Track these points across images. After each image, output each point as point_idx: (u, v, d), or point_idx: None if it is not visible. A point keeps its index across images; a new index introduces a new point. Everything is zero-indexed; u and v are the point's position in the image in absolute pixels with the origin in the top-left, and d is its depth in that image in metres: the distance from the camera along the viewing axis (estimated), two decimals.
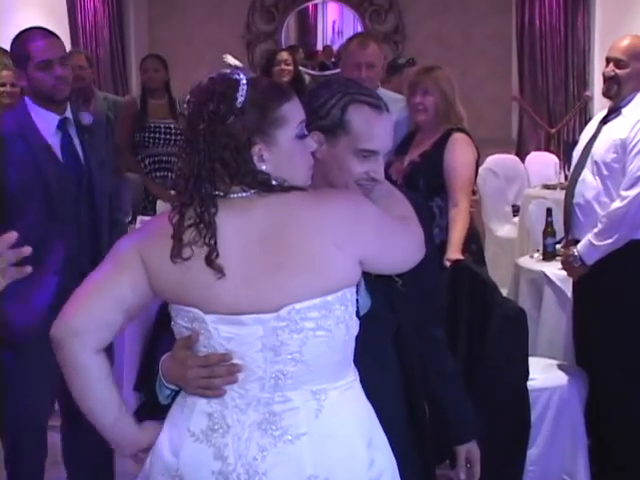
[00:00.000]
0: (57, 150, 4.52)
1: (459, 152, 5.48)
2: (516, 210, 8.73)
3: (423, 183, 5.34)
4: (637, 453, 5.20)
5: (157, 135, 7.75)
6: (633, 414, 5.17)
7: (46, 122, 4.51)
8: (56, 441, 4.92)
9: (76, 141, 4.59)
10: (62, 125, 4.55)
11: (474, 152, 5.57)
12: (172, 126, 7.74)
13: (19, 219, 4.34)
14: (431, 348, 3.05)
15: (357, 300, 2.61)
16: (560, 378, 5.40)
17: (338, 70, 10.58)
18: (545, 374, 5.39)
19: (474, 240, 5.64)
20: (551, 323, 5.71)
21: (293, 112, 2.51)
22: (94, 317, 2.53)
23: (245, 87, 2.45)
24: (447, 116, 5.52)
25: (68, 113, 4.59)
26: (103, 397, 2.60)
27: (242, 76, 2.48)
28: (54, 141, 4.52)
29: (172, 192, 7.41)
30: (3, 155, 4.38)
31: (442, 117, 5.53)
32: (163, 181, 7.66)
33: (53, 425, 4.84)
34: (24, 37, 4.56)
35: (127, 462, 5.44)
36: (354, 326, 2.55)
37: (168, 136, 7.75)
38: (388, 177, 3.09)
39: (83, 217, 4.56)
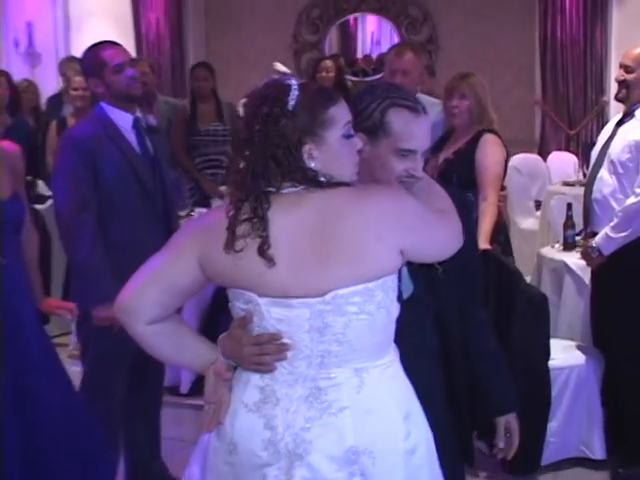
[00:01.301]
0: (135, 147, 4.60)
1: (490, 151, 5.47)
2: (538, 205, 8.69)
3: (456, 179, 5.32)
4: None
5: (206, 137, 7.83)
6: None
7: (123, 122, 4.59)
8: None
9: (146, 139, 4.65)
10: (136, 123, 4.62)
11: (503, 152, 5.56)
12: (219, 128, 7.88)
13: (115, 217, 4.47)
14: (474, 329, 3.02)
15: (399, 285, 2.59)
16: (578, 358, 5.41)
17: (377, 76, 10.59)
18: (565, 354, 5.39)
19: (502, 232, 5.64)
20: (570, 308, 5.67)
21: (340, 114, 2.50)
22: (145, 299, 2.56)
23: (296, 91, 2.44)
24: (480, 118, 5.52)
25: (138, 114, 4.66)
26: (174, 353, 2.67)
27: (293, 81, 2.48)
28: (131, 138, 4.60)
29: (222, 188, 7.52)
30: (102, 155, 4.46)
31: (475, 119, 5.52)
32: (214, 178, 7.77)
33: None
34: (97, 49, 4.63)
35: (187, 430, 5.48)
36: (394, 310, 2.54)
37: (215, 137, 7.87)
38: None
39: (159, 209, 4.64)
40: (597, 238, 5.13)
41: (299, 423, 2.45)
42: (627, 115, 5.21)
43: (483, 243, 5.12)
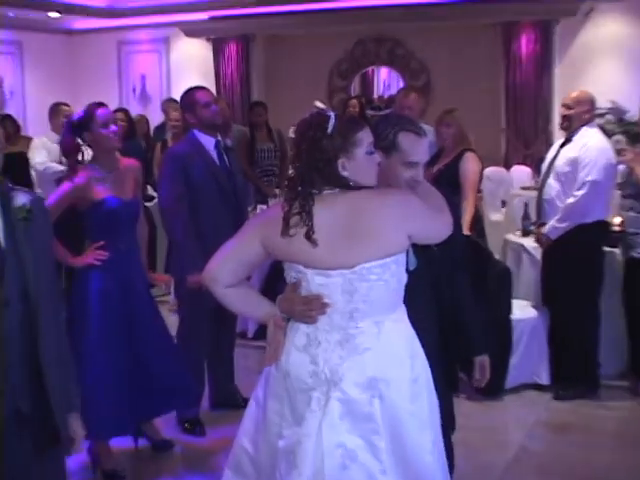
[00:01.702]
0: (216, 161, 4.60)
1: (469, 165, 5.43)
2: (504, 203, 8.61)
3: (445, 185, 5.26)
4: (579, 362, 5.16)
5: (262, 154, 7.82)
6: (576, 336, 5.13)
7: (208, 143, 4.60)
8: None
9: (224, 156, 4.65)
10: (217, 145, 4.63)
11: (479, 165, 5.53)
12: (271, 147, 7.88)
13: (202, 211, 4.49)
14: (459, 289, 2.99)
15: (407, 260, 2.57)
16: (532, 313, 5.39)
17: (388, 111, 10.51)
18: (522, 310, 5.38)
19: (479, 223, 5.62)
20: (526, 277, 5.63)
21: (365, 136, 2.48)
22: (225, 269, 2.55)
23: (333, 120, 2.44)
24: (461, 141, 5.48)
25: (219, 138, 4.66)
26: (244, 308, 2.67)
27: (331, 113, 2.48)
28: (214, 155, 4.61)
29: (276, 190, 7.56)
30: (192, 166, 4.49)
31: (458, 141, 5.48)
32: (269, 183, 7.78)
33: None
34: (191, 92, 4.67)
35: (252, 363, 5.48)
36: (404, 278, 2.53)
37: (269, 154, 7.85)
38: None
39: (233, 205, 4.63)
40: (546, 227, 5.13)
41: (334, 360, 2.45)
42: (567, 140, 5.17)
43: (466, 229, 5.09)
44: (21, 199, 2.18)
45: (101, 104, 4.05)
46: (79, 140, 3.97)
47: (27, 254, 2.15)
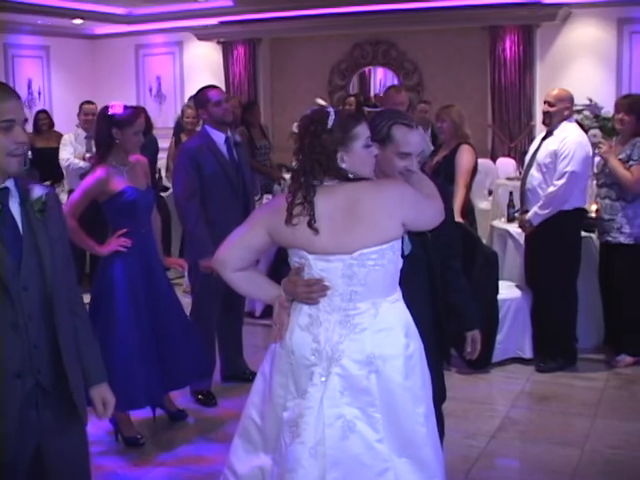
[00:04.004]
0: (226, 155, 4.55)
1: (464, 156, 5.39)
2: (490, 192, 8.56)
3: (443, 175, 5.26)
4: (560, 337, 5.15)
5: (260, 150, 7.83)
6: (556, 312, 5.10)
7: (219, 138, 4.56)
8: None
9: (233, 150, 4.60)
10: (227, 140, 4.58)
11: (474, 157, 5.48)
12: (266, 144, 7.99)
13: (213, 201, 4.45)
14: (452, 274, 2.95)
15: (402, 246, 2.53)
16: (517, 293, 5.36)
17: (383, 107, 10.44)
18: (508, 290, 5.34)
19: (470, 212, 5.57)
20: (511, 260, 5.60)
21: (363, 131, 2.45)
22: (233, 255, 2.53)
23: (333, 116, 2.40)
24: (457, 135, 5.44)
25: (229, 133, 4.61)
26: (251, 290, 2.64)
27: (331, 109, 2.44)
28: (223, 149, 4.56)
29: (284, 175, 7.58)
30: (204, 160, 4.45)
31: (454, 135, 5.44)
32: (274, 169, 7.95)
33: None
34: (204, 90, 4.63)
35: (260, 340, 5.46)
36: (399, 263, 2.50)
37: (265, 150, 7.91)
38: (423, 170, 3.02)
39: (241, 196, 4.59)
40: (529, 214, 5.08)
41: (335, 338, 2.42)
42: (548, 134, 5.11)
43: (457, 216, 5.04)
44: (37, 192, 2.17)
45: (142, 111, 4.05)
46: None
47: (44, 243, 2.14)
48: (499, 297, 5.14)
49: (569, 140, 4.94)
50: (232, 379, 4.89)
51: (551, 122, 5.05)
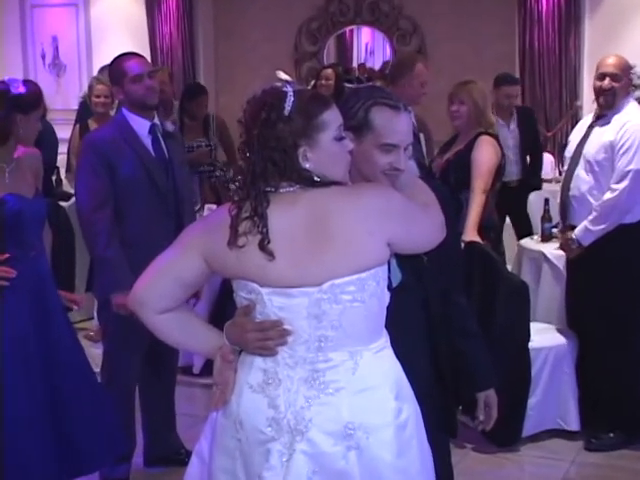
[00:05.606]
0: (150, 150, 4.58)
1: (483, 150, 5.44)
2: None
3: (453, 178, 5.33)
4: (618, 401, 5.17)
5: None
6: (614, 368, 5.13)
7: (140, 127, 4.58)
8: None
9: (162, 143, 4.63)
10: (152, 129, 4.61)
11: (497, 152, 5.52)
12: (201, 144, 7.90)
13: (131, 214, 4.48)
14: (456, 312, 2.99)
15: (389, 275, 2.58)
16: (555, 339, 5.41)
17: (370, 84, 10.54)
18: (543, 336, 5.39)
19: (493, 229, 5.61)
20: (548, 293, 5.66)
21: (332, 118, 2.48)
22: (155, 291, 2.55)
23: (292, 98, 2.43)
24: (478, 121, 5.51)
25: (156, 120, 4.64)
26: (183, 339, 2.68)
27: (289, 88, 2.46)
28: (147, 143, 4.59)
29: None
30: (119, 156, 4.46)
31: (474, 122, 5.51)
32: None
33: None
34: (119, 60, 4.63)
35: (199, 407, 5.48)
36: (385, 298, 2.53)
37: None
38: (430, 172, 3.06)
39: (171, 207, 4.62)
40: (577, 231, 5.11)
41: (300, 402, 2.45)
42: (600, 118, 5.15)
43: (468, 234, 5.10)
44: None
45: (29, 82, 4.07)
46: None
47: None
48: (531, 345, 5.19)
49: (631, 127, 4.99)
50: (160, 462, 4.91)
51: (614, 103, 5.09)
